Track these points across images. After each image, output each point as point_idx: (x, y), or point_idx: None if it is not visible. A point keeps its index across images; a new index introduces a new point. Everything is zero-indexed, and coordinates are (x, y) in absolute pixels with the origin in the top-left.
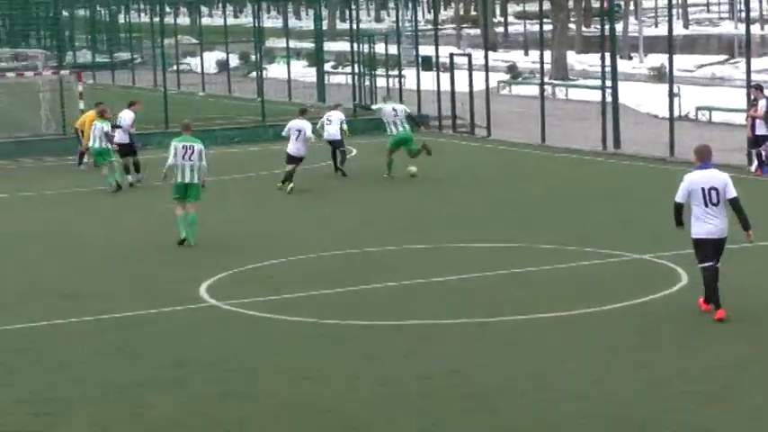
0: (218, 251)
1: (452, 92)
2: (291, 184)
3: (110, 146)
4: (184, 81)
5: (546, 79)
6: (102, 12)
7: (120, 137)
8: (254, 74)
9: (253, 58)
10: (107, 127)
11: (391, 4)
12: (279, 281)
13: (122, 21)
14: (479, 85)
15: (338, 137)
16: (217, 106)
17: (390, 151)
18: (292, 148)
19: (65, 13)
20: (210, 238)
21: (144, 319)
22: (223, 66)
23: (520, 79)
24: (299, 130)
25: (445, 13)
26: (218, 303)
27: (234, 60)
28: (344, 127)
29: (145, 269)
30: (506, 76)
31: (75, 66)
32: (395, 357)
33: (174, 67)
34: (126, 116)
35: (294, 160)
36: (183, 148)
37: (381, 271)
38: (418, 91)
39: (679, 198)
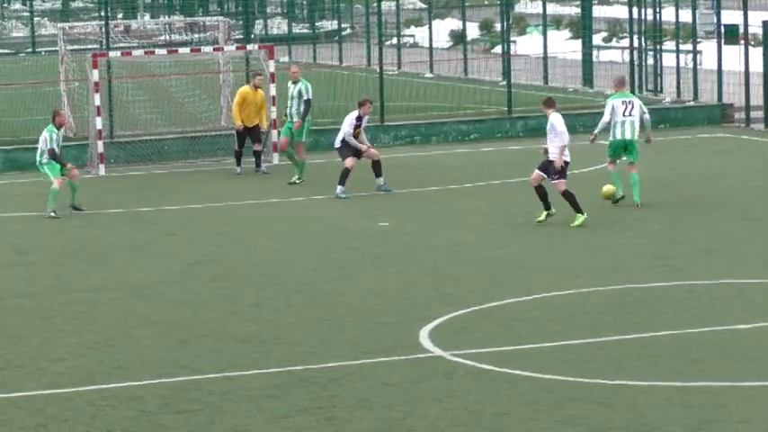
0: (447, 283)
1: (766, 74)
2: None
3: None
4: (407, 58)
5: None
6: None
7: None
8: (498, 49)
9: (498, 27)
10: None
11: None
12: (523, 325)
13: None
14: None
15: None
16: (448, 92)
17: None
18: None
19: None
20: (437, 265)
21: (344, 372)
22: (458, 38)
23: None
24: None
25: None
26: (443, 353)
27: (473, 31)
28: None
29: (349, 305)
30: None
31: (267, 39)
32: None
33: (394, 41)
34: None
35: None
36: (623, 104)
37: (658, 314)
38: (719, 72)
39: None
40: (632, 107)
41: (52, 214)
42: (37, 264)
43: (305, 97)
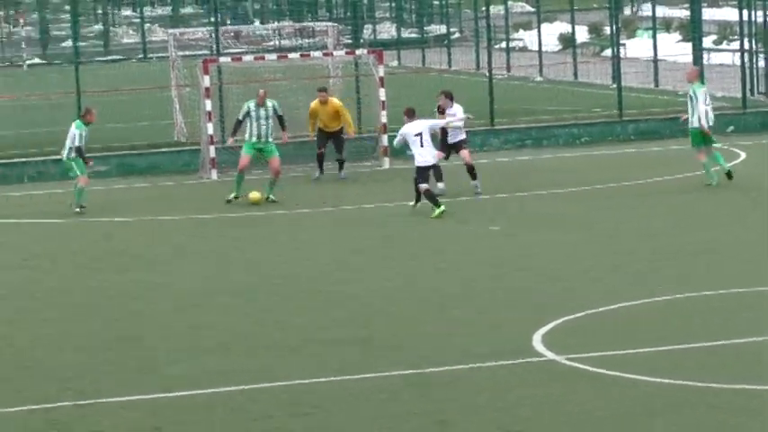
0: (560, 287)
1: None
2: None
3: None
4: (516, 62)
5: None
6: None
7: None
8: (608, 52)
9: (607, 30)
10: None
11: None
12: (637, 328)
13: None
14: None
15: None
16: (558, 95)
17: None
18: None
19: None
20: (550, 269)
21: (457, 376)
22: (567, 42)
23: None
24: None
25: None
26: (557, 357)
27: (582, 34)
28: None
29: (460, 310)
30: None
31: (376, 43)
32: None
33: (503, 44)
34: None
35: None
36: (703, 94)
37: None
38: None
39: None
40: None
41: (77, 210)
42: (150, 269)
43: (279, 113)
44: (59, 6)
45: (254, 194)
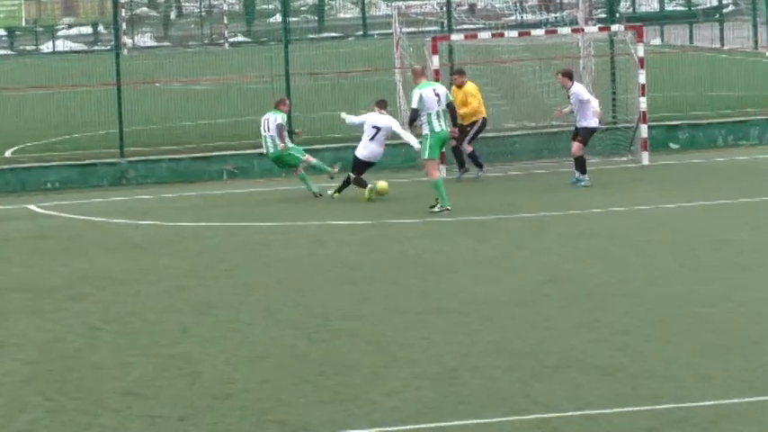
0: None
1: None
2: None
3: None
4: None
5: None
6: None
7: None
8: None
9: None
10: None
11: None
12: None
13: None
14: None
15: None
16: None
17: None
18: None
19: None
20: None
21: (728, 411)
22: None
23: None
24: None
25: None
26: None
27: None
28: None
29: (734, 333)
30: None
31: (634, 18)
32: None
33: None
34: None
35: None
36: None
37: None
38: None
39: None
40: None
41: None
42: (368, 281)
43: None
44: None
45: (382, 184)
